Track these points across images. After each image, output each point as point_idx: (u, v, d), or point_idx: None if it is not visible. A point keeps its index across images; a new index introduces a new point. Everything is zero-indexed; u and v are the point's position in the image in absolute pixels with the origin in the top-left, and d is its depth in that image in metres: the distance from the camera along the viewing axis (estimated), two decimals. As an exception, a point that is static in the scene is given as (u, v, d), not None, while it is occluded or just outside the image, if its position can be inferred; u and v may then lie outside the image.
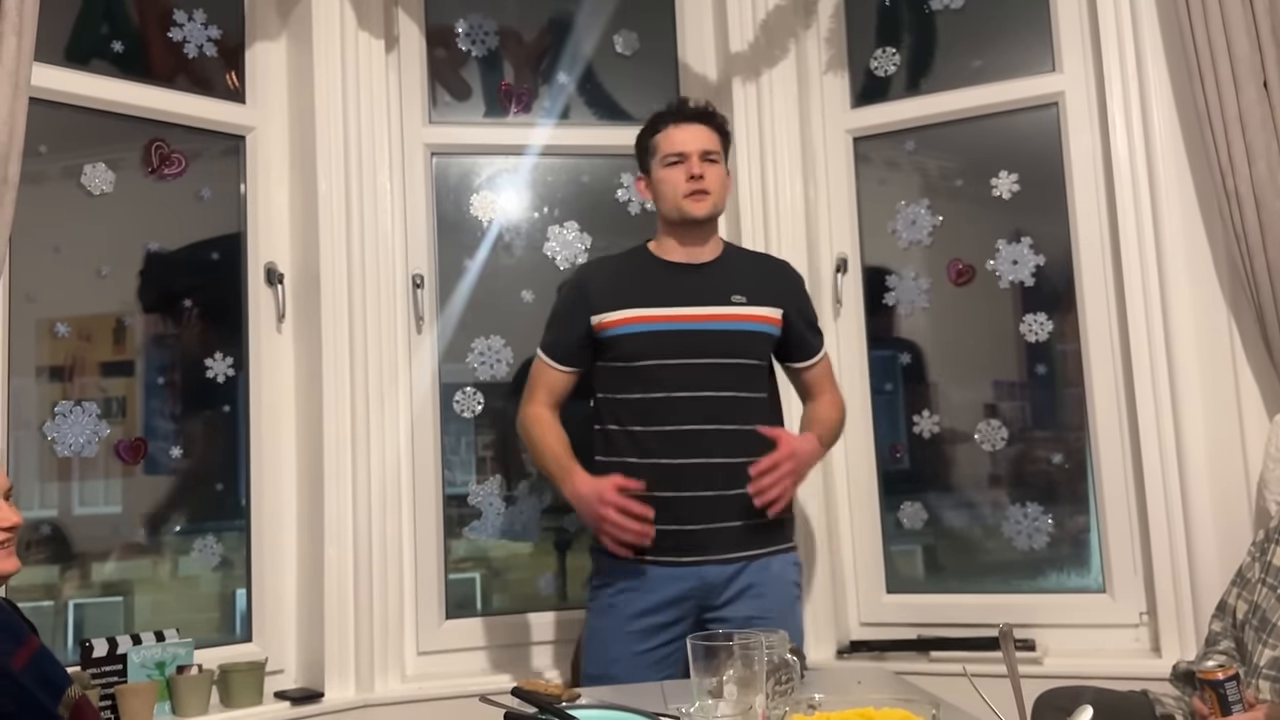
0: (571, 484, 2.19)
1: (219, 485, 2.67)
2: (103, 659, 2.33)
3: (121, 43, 2.58)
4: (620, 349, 2.24)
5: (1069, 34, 2.74)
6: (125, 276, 2.58)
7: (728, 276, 2.29)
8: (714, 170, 2.26)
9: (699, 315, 2.23)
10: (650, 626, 2.16)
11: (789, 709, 1.38)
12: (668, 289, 2.25)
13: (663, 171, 2.27)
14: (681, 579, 2.17)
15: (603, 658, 2.16)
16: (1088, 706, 1.22)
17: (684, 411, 2.19)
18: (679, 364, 2.20)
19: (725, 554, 2.18)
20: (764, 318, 2.27)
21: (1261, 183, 2.31)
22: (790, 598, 2.25)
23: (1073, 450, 2.74)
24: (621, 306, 2.24)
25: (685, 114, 2.30)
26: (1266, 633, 1.97)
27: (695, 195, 2.24)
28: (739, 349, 2.24)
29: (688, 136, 2.26)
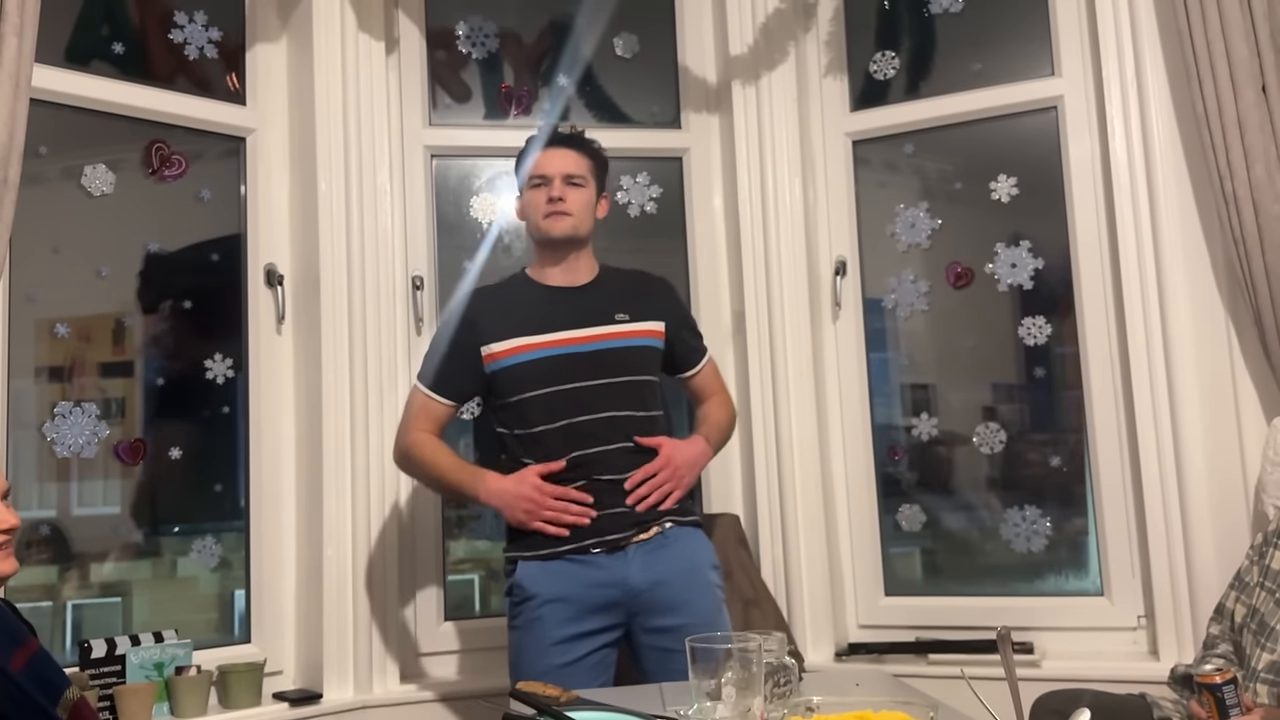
0: (486, 486, 2.21)
1: (218, 486, 2.67)
2: (101, 660, 2.33)
3: (122, 44, 2.58)
4: (511, 379, 2.23)
5: (1068, 38, 2.75)
6: (125, 277, 2.58)
7: (607, 296, 2.31)
8: (577, 193, 2.29)
9: (585, 337, 2.24)
10: (577, 635, 2.14)
11: (787, 711, 1.39)
12: (551, 314, 2.26)
13: (528, 194, 2.33)
14: (604, 585, 2.15)
15: (529, 672, 2.10)
16: (1085, 710, 1.22)
17: (583, 436, 2.19)
18: (571, 389, 2.20)
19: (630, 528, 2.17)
20: (648, 332, 2.30)
21: (1260, 186, 2.31)
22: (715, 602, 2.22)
23: (1071, 453, 2.75)
24: (509, 335, 2.23)
25: (553, 138, 2.35)
26: (1265, 636, 1.97)
27: (554, 216, 2.26)
28: (629, 366, 2.25)
29: (551, 160, 2.31)
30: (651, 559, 2.17)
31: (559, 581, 2.15)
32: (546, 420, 2.20)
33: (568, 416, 2.20)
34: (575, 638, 2.14)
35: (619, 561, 2.16)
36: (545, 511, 2.15)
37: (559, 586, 2.15)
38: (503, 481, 2.20)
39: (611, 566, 2.16)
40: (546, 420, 2.20)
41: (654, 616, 2.16)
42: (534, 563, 2.17)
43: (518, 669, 2.17)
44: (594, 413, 2.20)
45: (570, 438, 2.19)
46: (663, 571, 2.17)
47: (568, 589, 2.15)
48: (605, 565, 2.16)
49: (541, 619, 2.14)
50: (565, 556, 2.16)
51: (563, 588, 2.15)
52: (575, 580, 2.15)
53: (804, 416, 2.85)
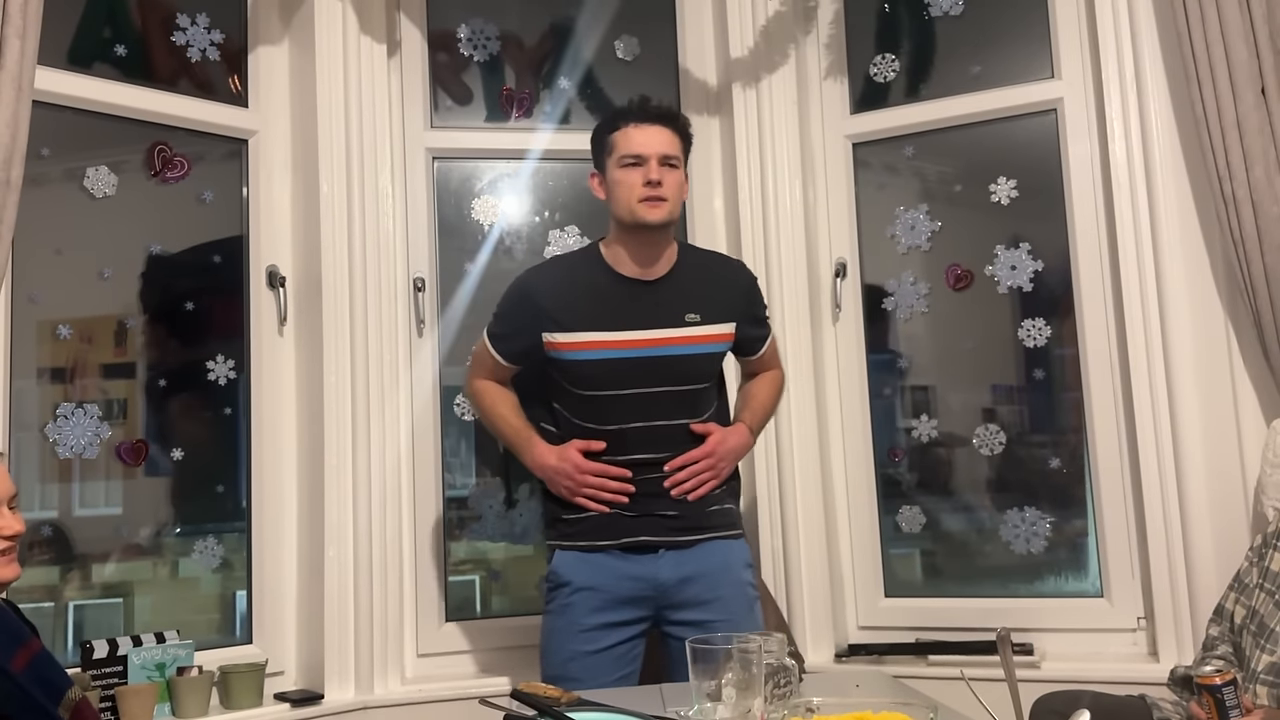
0: (533, 455, 2.22)
1: (220, 487, 2.67)
2: (103, 660, 2.33)
3: (124, 46, 2.59)
4: (571, 373, 2.21)
5: (1068, 40, 2.76)
6: (127, 279, 2.59)
7: (681, 293, 2.24)
8: (672, 176, 2.19)
9: (653, 340, 2.19)
10: (606, 624, 2.16)
11: (787, 712, 1.39)
12: (621, 309, 2.20)
13: (618, 173, 2.20)
14: (635, 579, 2.17)
15: (559, 657, 2.16)
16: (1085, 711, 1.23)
17: (631, 441, 2.19)
18: (630, 394, 2.18)
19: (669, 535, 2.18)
20: (716, 336, 2.26)
21: (1259, 188, 2.32)
22: (747, 600, 2.24)
23: (1071, 454, 2.75)
24: (574, 328, 2.19)
25: (647, 114, 2.22)
26: (1264, 638, 1.98)
27: (650, 201, 2.16)
28: (692, 374, 2.22)
29: (647, 139, 2.19)
30: (683, 556, 2.19)
31: (592, 571, 2.18)
32: (596, 420, 2.20)
33: (619, 422, 2.19)
34: (603, 627, 2.16)
35: (650, 559, 2.18)
36: (585, 489, 2.17)
37: (591, 576, 2.17)
38: (547, 456, 2.20)
39: (643, 562, 2.18)
40: (596, 420, 2.20)
41: (683, 611, 2.17)
42: (571, 552, 2.21)
43: (547, 653, 2.21)
44: (647, 420, 2.19)
45: (618, 439, 2.19)
46: (693, 569, 2.18)
47: (599, 579, 2.17)
48: (638, 561, 2.18)
49: (572, 606, 2.17)
50: (602, 550, 2.18)
51: (594, 577, 2.17)
52: (607, 571, 2.17)
53: (804, 418, 2.85)
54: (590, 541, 2.20)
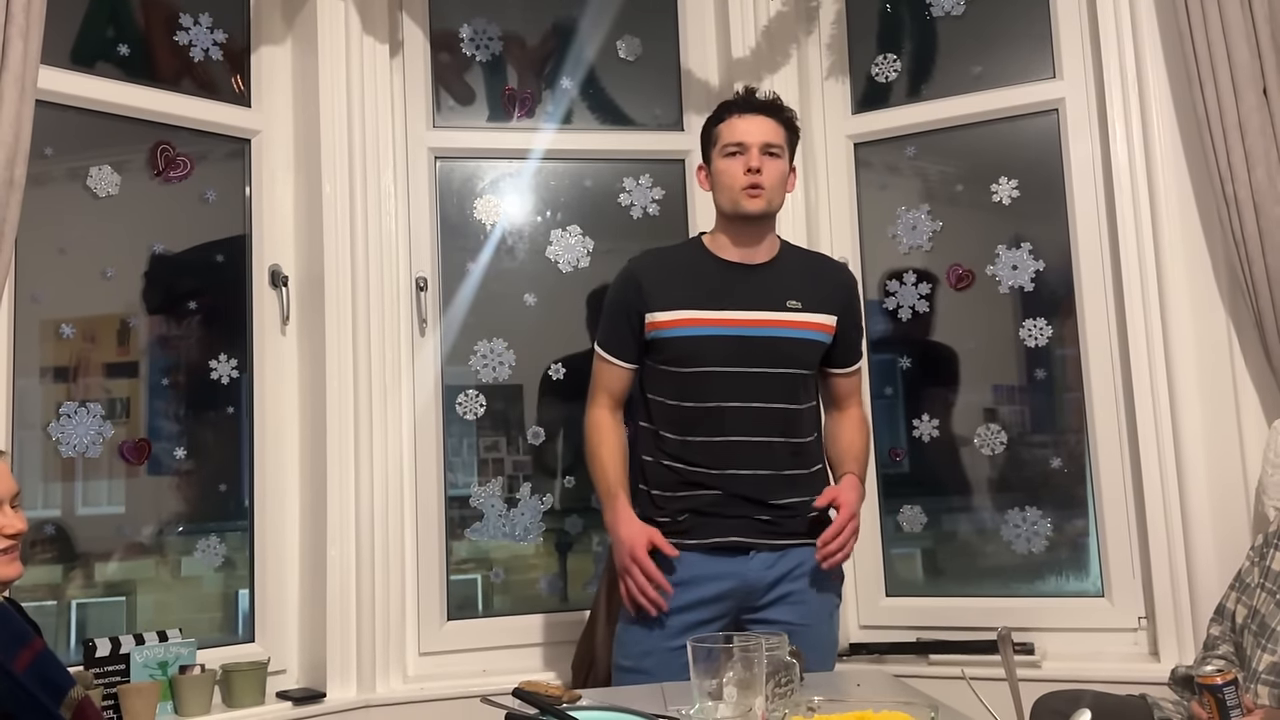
0: (613, 517, 2.21)
1: (222, 486, 2.68)
2: (105, 659, 2.34)
3: (127, 46, 2.59)
4: (670, 352, 2.21)
5: (1069, 40, 2.76)
6: (130, 278, 2.59)
7: (783, 279, 2.24)
8: (773, 165, 2.20)
9: (752, 320, 2.19)
10: (688, 624, 2.14)
11: (788, 711, 1.39)
12: (722, 290, 2.21)
13: (722, 162, 2.22)
14: (722, 578, 2.17)
15: (636, 650, 2.15)
16: (1086, 710, 1.23)
17: (730, 422, 2.18)
18: (728, 372, 2.17)
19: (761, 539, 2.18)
20: (818, 325, 2.24)
21: (1261, 189, 2.32)
22: (830, 607, 2.24)
23: (1072, 454, 2.75)
24: (674, 307, 2.20)
25: (751, 104, 2.23)
26: (1265, 638, 1.98)
27: (751, 190, 2.18)
28: (790, 358, 2.21)
29: (750, 127, 2.20)
30: (774, 559, 2.18)
31: (682, 567, 2.16)
32: (696, 399, 2.19)
33: (717, 399, 2.18)
34: (687, 627, 2.13)
35: (741, 559, 2.18)
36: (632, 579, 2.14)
37: (681, 571, 2.16)
38: (621, 527, 2.17)
39: (734, 562, 2.17)
40: (696, 399, 2.19)
41: (767, 610, 2.17)
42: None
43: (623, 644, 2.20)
44: (745, 400, 2.18)
45: (714, 420, 2.18)
46: (782, 571, 2.18)
47: (688, 573, 2.16)
48: (728, 560, 2.17)
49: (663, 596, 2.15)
50: (693, 549, 2.18)
51: (684, 574, 2.16)
52: (697, 569, 2.16)
53: (806, 418, 2.85)
54: (682, 540, 2.18)
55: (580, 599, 2.86)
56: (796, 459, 2.23)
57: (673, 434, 2.22)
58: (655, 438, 2.25)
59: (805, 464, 2.25)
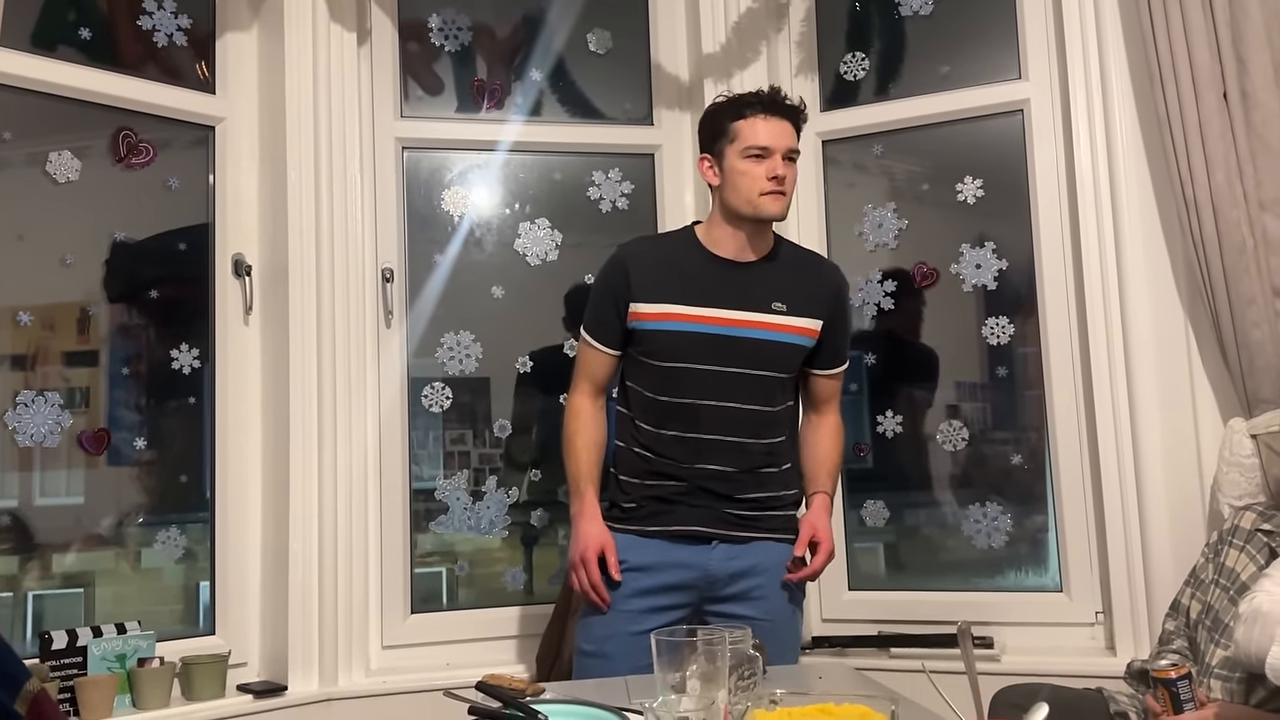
0: (578, 510, 2.23)
1: (183, 477, 2.65)
2: (62, 651, 2.31)
3: (89, 30, 2.55)
4: (649, 344, 2.21)
5: (1035, 42, 2.78)
6: (90, 266, 2.55)
7: (771, 280, 2.24)
8: (792, 170, 2.20)
9: (735, 320, 2.19)
10: (650, 608, 2.16)
11: (751, 704, 1.40)
12: (708, 286, 2.20)
13: (742, 163, 2.18)
14: (684, 567, 2.18)
15: (599, 634, 2.17)
16: (1044, 704, 1.25)
17: (704, 420, 2.18)
18: (706, 370, 2.18)
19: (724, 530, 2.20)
20: (801, 329, 2.24)
21: (1220, 191, 2.36)
22: (793, 604, 2.25)
23: (1032, 451, 2.79)
24: (658, 299, 2.20)
25: (777, 106, 2.19)
26: (1219, 633, 2.01)
27: (773, 195, 2.17)
28: (770, 360, 2.21)
29: (776, 131, 2.17)
30: (736, 551, 2.20)
31: (644, 553, 2.18)
32: (672, 393, 2.19)
33: (693, 396, 2.18)
34: (647, 611, 2.16)
35: (703, 549, 2.19)
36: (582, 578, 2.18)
37: (643, 557, 2.18)
38: (583, 523, 2.20)
39: (696, 551, 2.19)
40: (672, 393, 2.19)
41: (728, 604, 2.19)
42: (626, 535, 2.21)
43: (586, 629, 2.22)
44: (721, 400, 2.18)
45: (688, 417, 2.19)
46: (745, 565, 2.19)
47: (650, 561, 2.18)
48: (690, 549, 2.19)
49: (621, 584, 2.17)
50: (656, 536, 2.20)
51: (646, 559, 2.18)
52: (659, 556, 2.18)
53: (771, 413, 2.86)
54: (644, 526, 2.20)
55: (545, 593, 2.86)
56: (769, 458, 2.24)
57: (647, 424, 2.23)
58: (630, 425, 2.26)
59: (777, 462, 2.26)
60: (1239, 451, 2.33)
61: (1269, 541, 2.06)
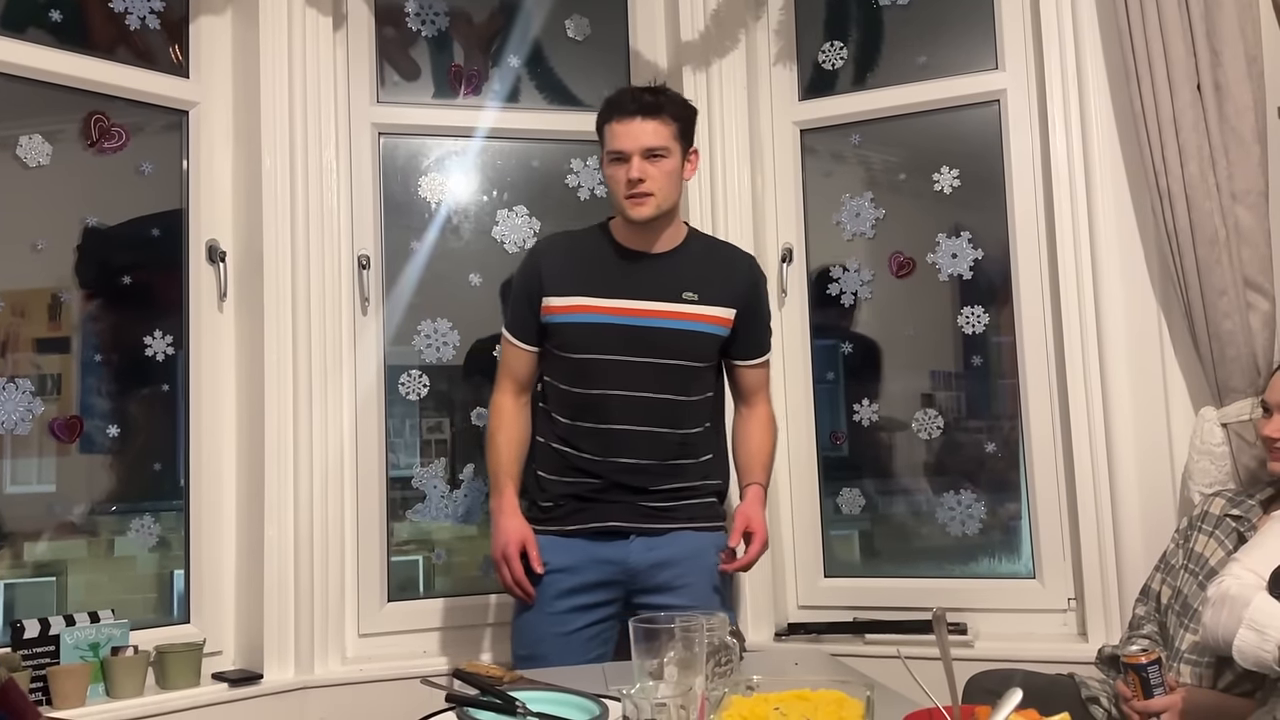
0: (497, 506, 2.25)
1: (157, 465, 2.63)
2: (34, 640, 2.29)
3: (60, 12, 2.51)
4: (562, 337, 2.22)
5: (1012, 33, 2.80)
6: (62, 251, 2.52)
7: (682, 270, 2.24)
8: (658, 168, 2.18)
9: (645, 310, 2.20)
10: (576, 607, 2.19)
11: (728, 690, 1.41)
12: (618, 278, 2.22)
13: (608, 168, 2.22)
14: (604, 563, 2.19)
15: (531, 638, 2.19)
16: (1017, 690, 1.26)
17: (615, 411, 2.19)
18: (617, 361, 2.18)
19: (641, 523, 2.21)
20: (713, 318, 2.24)
21: (1193, 183, 2.38)
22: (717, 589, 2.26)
23: (1006, 440, 2.81)
24: (569, 292, 2.21)
25: (626, 108, 2.19)
26: (1188, 618, 2.04)
27: (635, 198, 2.17)
28: (681, 350, 2.22)
29: (629, 133, 2.16)
30: (654, 543, 2.21)
31: (564, 554, 2.20)
32: (584, 385, 2.20)
33: (604, 387, 2.19)
34: (574, 610, 2.18)
35: (622, 543, 2.20)
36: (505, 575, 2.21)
37: (563, 558, 2.20)
38: (503, 519, 2.23)
39: (615, 546, 2.20)
40: (584, 385, 2.20)
41: (652, 595, 2.19)
42: (545, 536, 2.22)
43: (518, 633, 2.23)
44: (632, 390, 2.19)
45: (601, 408, 2.19)
46: (664, 555, 2.20)
47: (571, 561, 2.19)
48: (609, 545, 2.20)
49: (544, 588, 2.19)
50: (574, 535, 2.20)
51: (567, 560, 2.19)
52: (579, 555, 2.19)
53: (748, 401, 2.87)
54: (563, 526, 2.22)
55: (522, 580, 2.86)
56: (683, 449, 2.25)
57: (563, 417, 2.24)
58: (549, 420, 2.28)
59: (693, 454, 2.27)
60: (1210, 440, 2.36)
61: (1237, 527, 2.09)
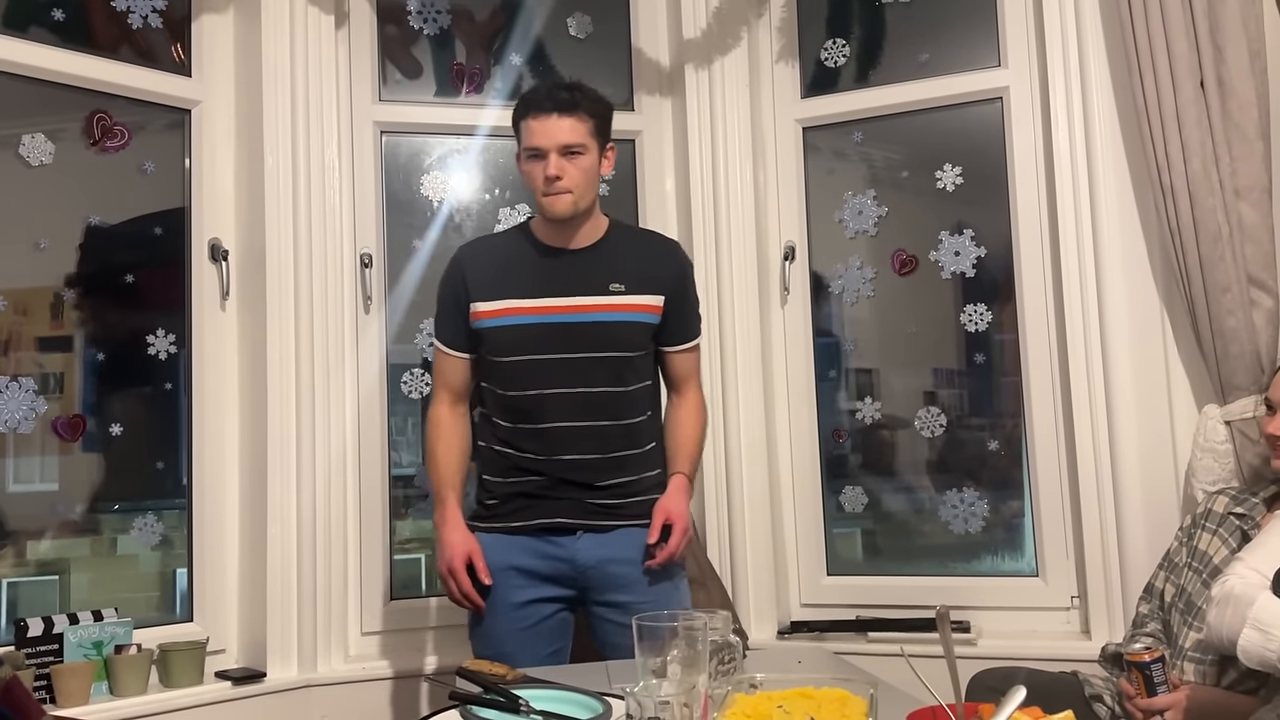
0: (440, 518, 2.23)
1: (159, 463, 2.63)
2: (38, 638, 2.29)
3: (62, 11, 2.51)
4: (493, 341, 2.20)
5: (1014, 30, 2.79)
6: (64, 250, 2.52)
7: (607, 263, 2.23)
8: (575, 165, 2.16)
9: (573, 306, 2.18)
10: (531, 600, 2.18)
11: (731, 688, 1.41)
12: (543, 277, 2.20)
13: (525, 165, 2.20)
14: (553, 559, 2.18)
15: (493, 639, 2.17)
16: (1021, 687, 1.26)
17: (555, 409, 2.18)
18: (551, 359, 2.17)
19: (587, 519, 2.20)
20: (642, 306, 2.22)
21: (1196, 179, 2.37)
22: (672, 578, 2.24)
23: (1009, 438, 2.81)
24: (495, 296, 2.19)
25: (541, 105, 2.16)
26: (1192, 615, 2.04)
27: (553, 196, 2.16)
28: (614, 342, 2.21)
29: (545, 129, 2.14)
30: (601, 540, 2.19)
31: (514, 552, 2.19)
32: (521, 387, 2.19)
33: (542, 387, 2.18)
34: (531, 603, 2.17)
35: (569, 540, 2.19)
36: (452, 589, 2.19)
37: (514, 556, 2.18)
38: (447, 531, 2.20)
39: (562, 543, 2.19)
40: (521, 387, 2.19)
41: (604, 592, 2.19)
42: (492, 535, 2.21)
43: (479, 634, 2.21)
44: (570, 386, 2.18)
45: (541, 408, 2.18)
46: (611, 552, 2.19)
47: (521, 558, 2.18)
48: (556, 542, 2.19)
49: (498, 585, 2.18)
50: (519, 534, 2.20)
51: (517, 557, 2.18)
52: (528, 551, 2.19)
53: (751, 399, 2.88)
54: (508, 523, 2.21)
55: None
56: (627, 439, 2.23)
57: (503, 421, 2.23)
58: (489, 424, 2.27)
59: (637, 443, 2.25)
60: (1213, 437, 2.36)
61: (1241, 525, 2.09)
